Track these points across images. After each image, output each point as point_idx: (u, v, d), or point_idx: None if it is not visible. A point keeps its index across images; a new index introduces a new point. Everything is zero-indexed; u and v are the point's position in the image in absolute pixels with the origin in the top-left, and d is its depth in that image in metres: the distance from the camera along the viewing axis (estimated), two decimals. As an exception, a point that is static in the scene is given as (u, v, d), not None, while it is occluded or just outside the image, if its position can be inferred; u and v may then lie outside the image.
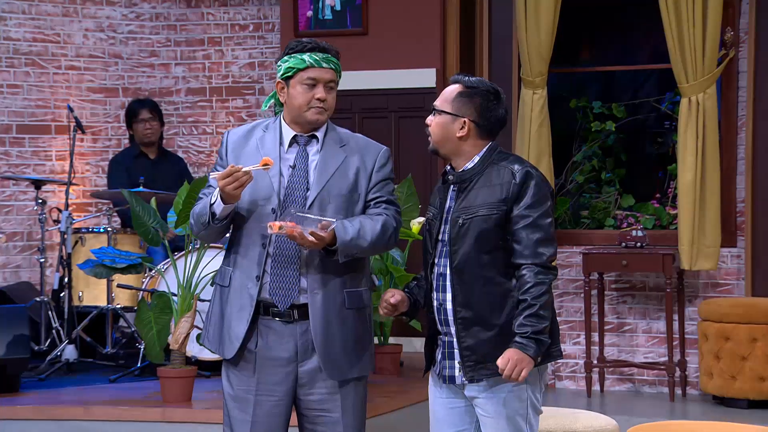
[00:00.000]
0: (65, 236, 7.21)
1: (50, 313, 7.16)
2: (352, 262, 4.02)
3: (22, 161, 8.32)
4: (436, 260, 3.98)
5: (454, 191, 3.99)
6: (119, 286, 6.96)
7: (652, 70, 9.04)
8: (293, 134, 4.08)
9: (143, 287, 6.89)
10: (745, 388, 7.10)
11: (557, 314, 4.02)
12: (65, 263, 7.23)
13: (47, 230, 7.55)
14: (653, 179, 8.73)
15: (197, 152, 8.70)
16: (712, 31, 7.39)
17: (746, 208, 7.57)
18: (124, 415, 5.91)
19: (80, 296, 7.28)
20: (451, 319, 3.92)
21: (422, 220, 6.47)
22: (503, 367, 3.77)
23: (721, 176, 7.52)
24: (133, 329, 7.12)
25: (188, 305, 5.92)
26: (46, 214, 7.43)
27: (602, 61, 9.39)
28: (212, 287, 4.25)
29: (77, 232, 7.33)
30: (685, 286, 7.64)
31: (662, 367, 7.51)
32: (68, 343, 6.99)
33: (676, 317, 7.58)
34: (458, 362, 3.92)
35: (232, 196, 3.92)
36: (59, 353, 6.96)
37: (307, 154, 4.07)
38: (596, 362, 7.67)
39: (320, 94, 4.02)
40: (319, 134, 4.09)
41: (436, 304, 3.98)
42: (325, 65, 4.04)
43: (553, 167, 7.88)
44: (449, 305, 3.93)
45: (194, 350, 6.50)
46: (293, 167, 4.05)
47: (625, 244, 7.61)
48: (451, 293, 3.92)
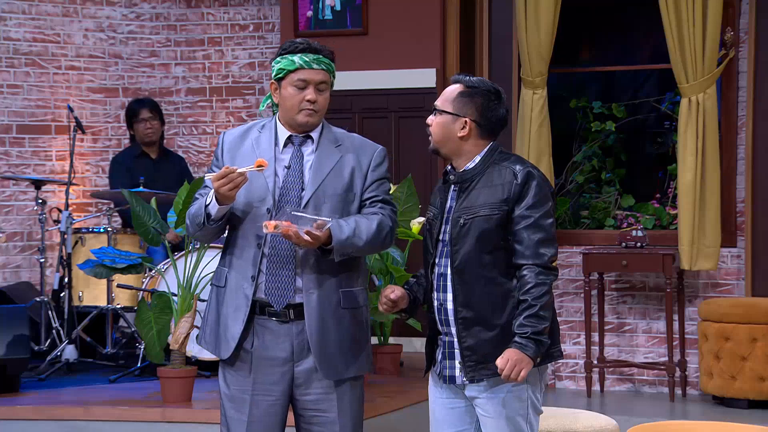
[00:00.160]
0: (65, 236, 7.21)
1: (50, 313, 7.16)
2: (347, 261, 4.01)
3: (22, 161, 8.32)
4: (436, 260, 3.98)
5: (455, 191, 3.99)
6: (119, 286, 6.96)
7: (652, 70, 9.04)
8: (288, 134, 4.08)
9: (143, 287, 6.89)
10: (745, 388, 7.10)
11: (557, 314, 4.01)
12: (65, 263, 7.23)
13: (47, 230, 7.56)
14: (653, 179, 8.73)
15: (197, 152, 8.70)
16: (712, 31, 7.39)
17: (746, 208, 7.57)
18: (124, 415, 5.90)
19: (80, 296, 7.28)
20: (451, 319, 3.92)
21: (422, 220, 6.46)
22: (502, 367, 3.77)
23: (721, 176, 7.52)
24: (133, 329, 7.12)
25: (188, 305, 5.91)
26: (46, 214, 7.42)
27: (602, 61, 9.39)
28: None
29: (77, 232, 7.33)
30: (685, 286, 7.64)
31: (662, 367, 7.51)
32: (68, 343, 6.99)
33: (676, 317, 7.58)
34: (459, 362, 3.92)
35: (227, 197, 3.92)
36: (59, 353, 6.96)
37: (302, 154, 4.07)
38: (596, 362, 7.67)
39: (310, 95, 4.01)
40: (314, 134, 4.08)
41: (436, 304, 3.97)
42: (315, 66, 4.02)
43: (553, 167, 7.88)
44: (450, 305, 3.92)
45: (194, 350, 6.49)
46: (288, 167, 4.04)
47: (625, 244, 7.61)
48: (451, 293, 3.91)
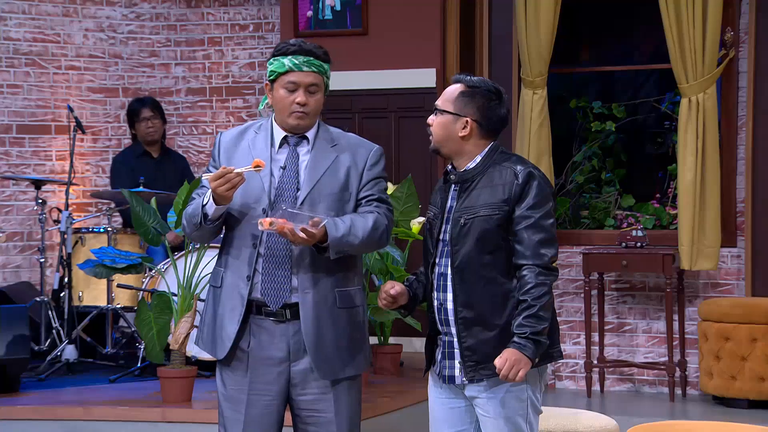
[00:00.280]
0: (65, 236, 7.21)
1: (50, 313, 7.16)
2: (343, 261, 4.01)
3: (22, 161, 8.32)
4: (437, 260, 3.97)
5: (455, 191, 3.98)
6: (119, 286, 6.96)
7: (652, 70, 9.04)
8: (284, 135, 4.08)
9: (143, 287, 6.89)
10: (745, 388, 7.10)
11: (557, 314, 4.01)
12: (65, 263, 7.23)
13: (47, 230, 7.55)
14: (653, 179, 8.73)
15: (197, 152, 8.69)
16: (712, 31, 7.39)
17: (746, 208, 7.57)
18: (124, 415, 5.90)
19: (80, 296, 7.28)
20: (451, 319, 3.92)
21: (422, 219, 6.46)
22: (501, 367, 3.77)
23: (721, 176, 7.52)
24: (133, 329, 7.11)
25: (188, 305, 5.91)
26: (46, 214, 7.42)
27: (602, 61, 9.39)
28: None
29: (77, 232, 7.33)
30: (685, 286, 7.64)
31: (662, 367, 7.51)
32: (68, 343, 6.98)
33: (676, 317, 7.58)
34: (458, 362, 3.92)
35: (224, 197, 3.91)
36: (59, 353, 6.95)
37: (297, 154, 4.06)
38: (596, 362, 7.67)
39: (300, 98, 4.00)
40: (309, 134, 4.08)
41: (436, 303, 3.97)
42: (305, 69, 4.00)
43: (553, 167, 7.88)
44: (450, 305, 3.92)
45: (194, 350, 6.48)
46: (284, 168, 4.04)
47: (625, 244, 7.61)
48: (452, 293, 3.91)
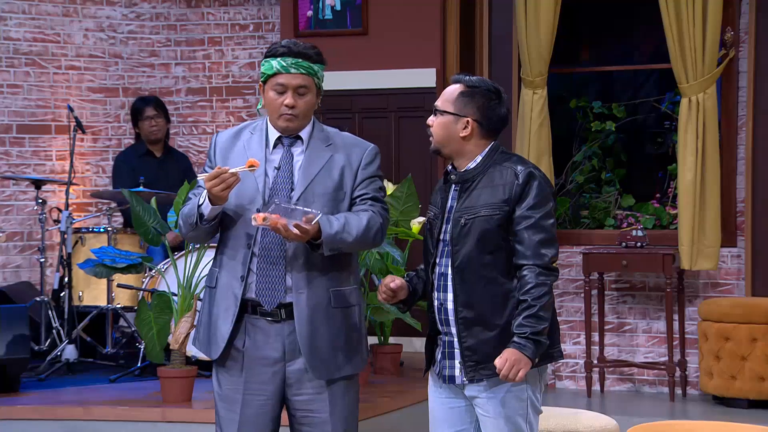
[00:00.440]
0: (65, 236, 7.21)
1: (50, 313, 7.16)
2: (338, 260, 4.00)
3: (22, 161, 8.32)
4: (437, 260, 3.97)
5: (456, 191, 3.98)
6: (119, 285, 6.96)
7: (652, 70, 9.04)
8: (278, 135, 4.07)
9: (143, 287, 6.89)
10: (745, 388, 7.10)
11: (557, 314, 4.01)
12: (65, 263, 7.23)
13: (47, 230, 7.55)
14: (653, 179, 8.73)
15: (197, 152, 8.69)
16: (712, 30, 7.39)
17: (746, 208, 7.56)
18: (124, 415, 5.90)
19: (80, 296, 7.28)
20: (452, 319, 3.92)
21: (422, 219, 6.46)
22: (501, 367, 3.77)
23: (721, 176, 7.52)
24: (133, 329, 7.11)
25: (188, 305, 5.91)
26: (46, 214, 7.42)
27: (602, 61, 9.39)
28: None
29: (77, 231, 7.33)
30: (685, 286, 7.64)
31: (662, 367, 7.51)
32: (68, 343, 6.98)
33: (676, 317, 7.58)
34: (459, 362, 3.91)
35: (219, 197, 3.91)
36: (59, 353, 6.95)
37: (291, 154, 4.06)
38: (596, 362, 7.67)
39: (288, 100, 3.99)
40: (303, 134, 4.07)
41: (436, 303, 3.97)
42: (293, 71, 4.00)
43: (553, 167, 7.88)
44: (450, 305, 3.92)
45: (194, 350, 6.48)
46: (278, 168, 4.03)
47: (625, 244, 7.61)
48: (452, 293, 3.91)
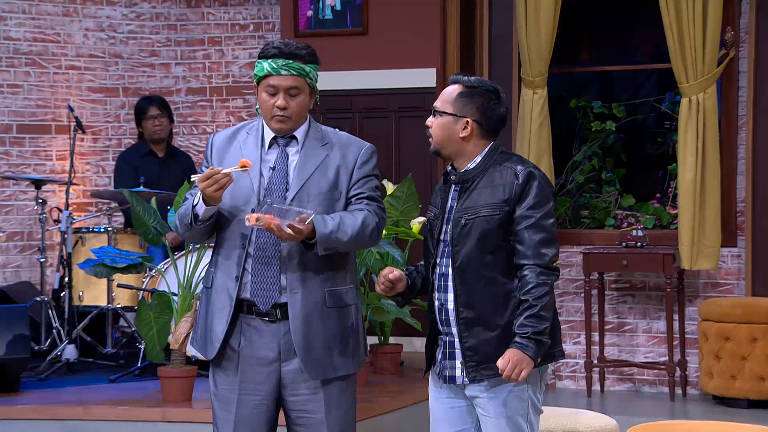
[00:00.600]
0: (65, 236, 7.21)
1: (50, 312, 7.16)
2: (334, 259, 3.99)
3: (22, 161, 8.32)
4: (437, 260, 3.97)
5: (456, 191, 3.98)
6: (119, 285, 6.96)
7: (652, 69, 9.04)
8: (273, 136, 4.07)
9: (143, 287, 6.89)
10: (745, 388, 7.10)
11: (558, 314, 4.02)
12: (65, 263, 7.23)
13: (47, 230, 7.55)
14: (653, 179, 8.73)
15: (197, 152, 8.69)
16: (712, 30, 7.39)
17: (746, 207, 7.57)
18: (124, 415, 5.91)
19: (80, 296, 7.28)
20: (452, 319, 3.92)
21: (423, 219, 6.46)
22: (503, 367, 3.77)
23: (721, 176, 7.52)
24: (133, 329, 7.11)
25: (188, 305, 5.91)
26: (46, 213, 7.42)
27: (602, 61, 9.39)
28: None
29: (77, 231, 7.33)
30: (685, 286, 7.64)
31: (662, 366, 7.51)
32: (68, 342, 6.98)
33: (676, 317, 7.58)
34: (460, 362, 3.91)
35: (213, 197, 3.91)
36: (59, 353, 6.95)
37: (287, 154, 4.05)
38: (596, 362, 7.67)
39: (280, 102, 3.98)
40: (298, 134, 4.06)
41: (437, 304, 3.97)
42: (284, 72, 3.97)
43: (553, 167, 7.88)
44: (451, 305, 3.92)
45: (194, 350, 6.48)
46: (273, 168, 4.03)
47: (625, 243, 7.61)
48: (452, 293, 3.91)
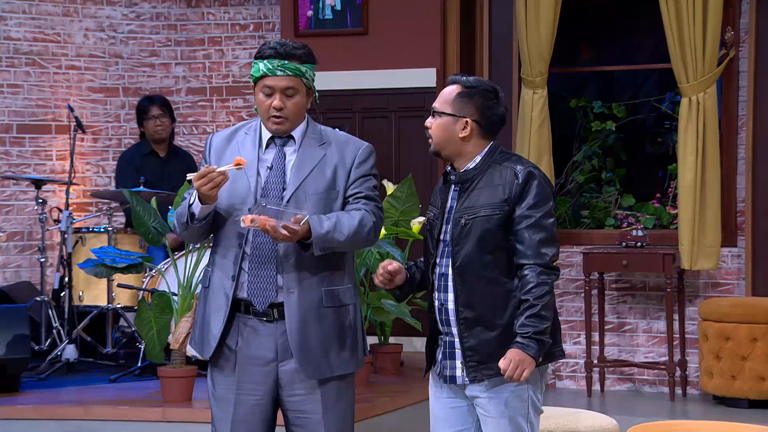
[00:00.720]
0: (65, 236, 7.20)
1: (50, 312, 7.16)
2: (331, 259, 3.99)
3: (22, 161, 8.32)
4: (437, 260, 3.97)
5: (455, 191, 3.98)
6: (119, 285, 6.96)
7: (652, 69, 9.04)
8: (270, 135, 4.06)
9: (143, 287, 6.89)
10: (745, 388, 7.10)
11: (558, 314, 4.02)
12: (65, 263, 7.23)
13: (47, 230, 7.55)
14: (653, 179, 8.73)
15: (197, 152, 8.68)
16: (712, 30, 7.39)
17: (746, 207, 7.57)
18: (124, 415, 5.90)
19: (80, 296, 7.28)
20: (452, 319, 3.92)
21: (423, 219, 6.46)
22: (505, 368, 3.77)
23: (721, 176, 7.52)
24: (133, 329, 7.11)
25: (188, 305, 5.91)
26: (46, 213, 7.42)
27: (602, 61, 9.39)
28: None
29: (77, 231, 7.33)
30: (685, 285, 7.64)
31: (662, 366, 7.51)
32: (68, 342, 6.98)
33: (676, 317, 7.58)
34: (460, 362, 3.91)
35: (208, 196, 3.90)
36: (59, 353, 6.95)
37: (284, 154, 4.05)
38: (596, 362, 7.67)
39: (276, 102, 3.97)
40: (296, 134, 4.06)
41: (437, 304, 3.97)
42: (279, 73, 3.96)
43: (553, 167, 7.88)
44: (451, 305, 3.92)
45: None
46: (271, 168, 4.03)
47: (625, 243, 7.61)
48: (453, 293, 3.91)
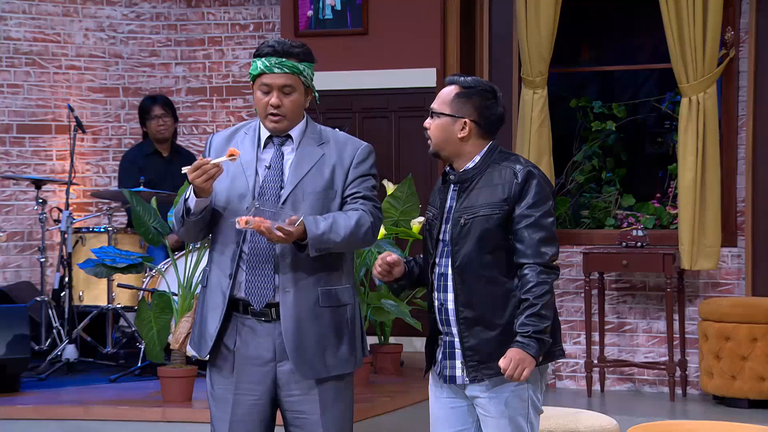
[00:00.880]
0: (66, 236, 7.21)
1: (50, 312, 7.16)
2: (328, 259, 3.98)
3: (22, 161, 8.32)
4: (437, 260, 3.97)
5: (454, 191, 3.98)
6: (119, 285, 6.96)
7: (652, 69, 9.04)
8: (269, 135, 4.06)
9: (143, 287, 6.89)
10: (745, 388, 7.10)
11: (558, 314, 4.02)
12: (66, 263, 7.23)
13: (47, 230, 7.55)
14: (653, 179, 8.73)
15: (198, 152, 8.69)
16: (712, 30, 7.39)
17: (746, 207, 7.57)
18: (124, 414, 5.91)
19: (80, 296, 7.28)
20: (452, 319, 3.92)
21: (422, 219, 6.46)
22: (505, 367, 3.77)
23: (721, 176, 7.52)
24: (133, 329, 7.11)
25: (188, 305, 5.91)
26: (46, 213, 7.42)
27: (602, 61, 9.39)
28: None
29: (78, 231, 7.33)
30: (685, 285, 7.64)
31: (662, 366, 7.51)
32: (68, 342, 6.98)
33: (676, 317, 7.58)
34: (460, 362, 3.91)
35: (202, 188, 3.90)
36: (59, 353, 6.95)
37: (282, 153, 4.05)
38: (596, 362, 7.67)
39: (273, 100, 3.98)
40: (294, 133, 4.06)
41: (437, 303, 3.97)
42: (277, 71, 3.96)
43: (553, 167, 7.88)
44: (451, 305, 3.92)
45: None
46: (269, 167, 4.03)
47: (625, 243, 7.61)
48: (452, 293, 3.91)
